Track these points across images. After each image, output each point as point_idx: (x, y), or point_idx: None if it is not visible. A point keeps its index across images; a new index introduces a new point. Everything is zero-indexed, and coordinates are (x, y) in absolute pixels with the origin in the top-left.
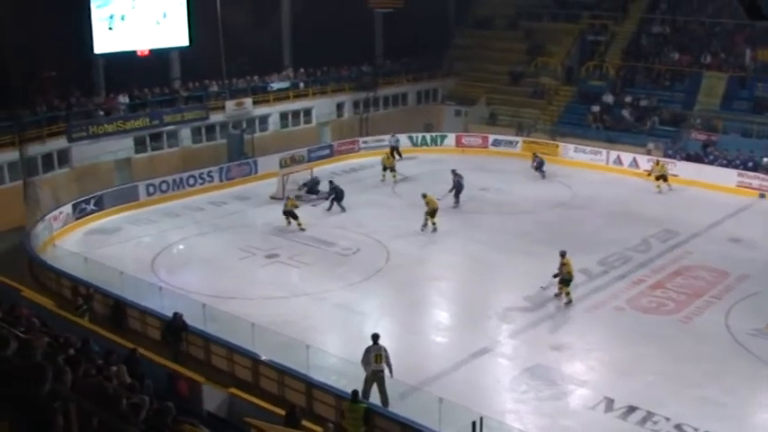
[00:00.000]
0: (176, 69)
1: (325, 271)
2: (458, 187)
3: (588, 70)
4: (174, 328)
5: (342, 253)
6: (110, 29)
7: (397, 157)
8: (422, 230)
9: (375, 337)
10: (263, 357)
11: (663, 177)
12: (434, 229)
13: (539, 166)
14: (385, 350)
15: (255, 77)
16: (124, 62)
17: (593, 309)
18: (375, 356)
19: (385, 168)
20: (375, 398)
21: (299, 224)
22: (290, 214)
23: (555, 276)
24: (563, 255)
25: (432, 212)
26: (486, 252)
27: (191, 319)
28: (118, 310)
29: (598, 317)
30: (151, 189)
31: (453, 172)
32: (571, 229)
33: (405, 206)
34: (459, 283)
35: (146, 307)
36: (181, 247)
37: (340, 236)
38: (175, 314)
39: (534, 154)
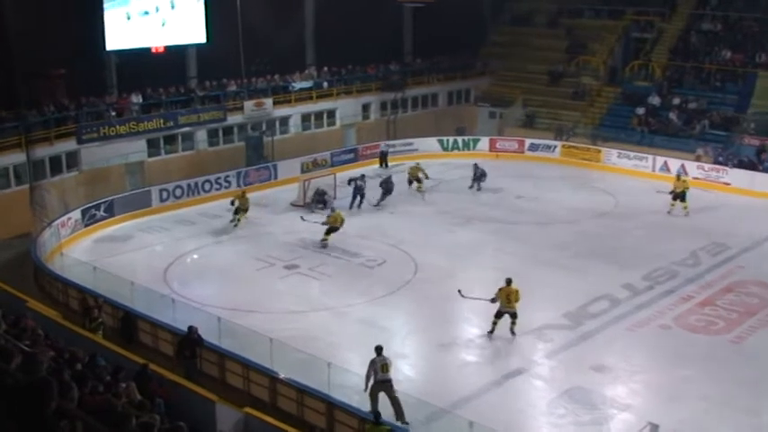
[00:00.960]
0: (193, 68)
1: (349, 283)
2: (479, 177)
3: (633, 70)
4: (190, 342)
5: (366, 264)
6: (128, 18)
7: (383, 165)
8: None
9: (379, 350)
10: (282, 375)
11: (680, 196)
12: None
13: (479, 178)
14: (390, 361)
15: (276, 76)
16: (138, 60)
17: (637, 327)
18: (382, 366)
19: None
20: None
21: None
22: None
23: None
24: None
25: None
26: (521, 265)
27: (205, 334)
28: (128, 323)
29: (642, 336)
30: (164, 194)
31: (475, 165)
32: (613, 241)
33: (434, 215)
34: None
35: (157, 320)
36: (195, 256)
37: (364, 246)
38: (190, 328)
39: (475, 165)
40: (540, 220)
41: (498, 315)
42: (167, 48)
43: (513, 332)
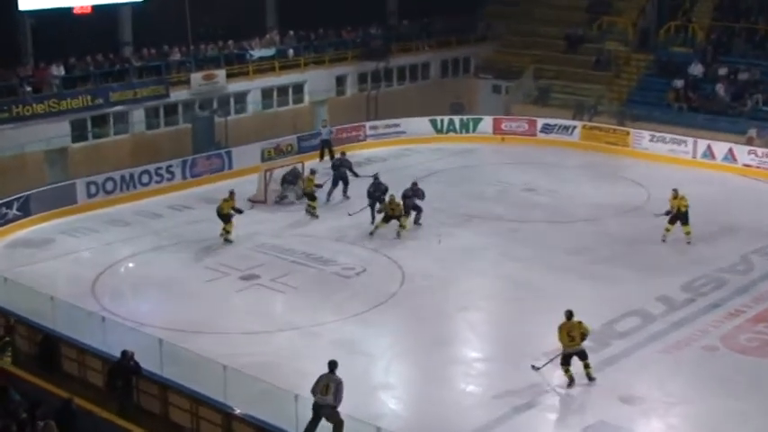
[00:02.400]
0: (127, 32)
1: (320, 297)
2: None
3: (669, 33)
4: (124, 370)
5: (342, 274)
6: None
7: (326, 157)
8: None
9: (332, 365)
10: (238, 411)
11: (681, 218)
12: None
13: (337, 166)
14: (338, 382)
15: (230, 43)
16: (58, 22)
17: (676, 349)
18: (323, 387)
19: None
20: None
21: (314, 208)
22: (309, 196)
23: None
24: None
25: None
26: (532, 273)
27: (143, 360)
28: (48, 348)
29: (682, 359)
30: (93, 189)
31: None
32: (646, 243)
33: (425, 212)
34: (497, 314)
35: (84, 343)
36: (131, 265)
37: (339, 250)
38: (125, 353)
39: (342, 153)
40: (554, 218)
41: (566, 361)
42: (94, 7)
43: (589, 377)
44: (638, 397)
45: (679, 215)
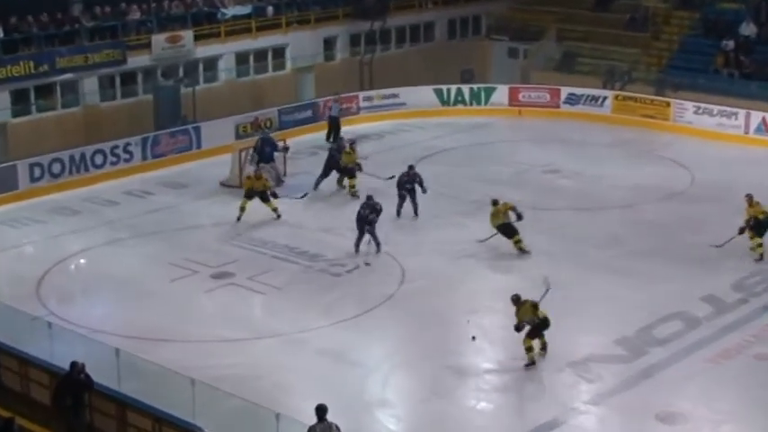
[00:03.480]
0: None
1: (306, 299)
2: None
3: None
4: (73, 385)
5: (331, 271)
6: None
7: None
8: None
9: (320, 412)
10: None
11: (758, 227)
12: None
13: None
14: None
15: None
16: None
17: (724, 358)
18: None
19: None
20: None
21: (353, 187)
22: (349, 173)
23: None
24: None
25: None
26: (555, 269)
27: (96, 373)
28: None
29: (731, 370)
30: (37, 171)
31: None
32: (689, 233)
33: (429, 199)
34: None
35: (27, 354)
36: (82, 261)
37: (328, 244)
38: (73, 365)
39: (351, 141)
40: (582, 205)
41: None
42: None
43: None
44: (679, 414)
45: (760, 224)
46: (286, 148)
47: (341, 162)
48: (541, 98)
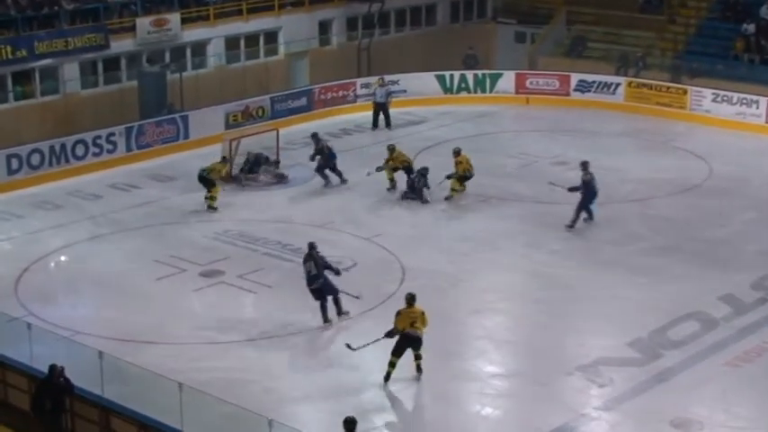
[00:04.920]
0: None
1: (300, 298)
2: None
3: None
4: (53, 389)
5: None
6: None
7: (381, 123)
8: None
9: (350, 425)
10: None
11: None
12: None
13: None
14: None
15: None
16: None
17: (743, 361)
18: None
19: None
20: None
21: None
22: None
23: (448, 177)
24: (457, 153)
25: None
26: (564, 267)
27: (78, 377)
28: None
29: (750, 373)
30: (14, 163)
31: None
32: (707, 229)
33: (429, 192)
34: (520, 319)
35: (7, 357)
36: (63, 258)
37: (323, 240)
38: (52, 368)
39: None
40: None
41: (398, 351)
42: None
43: (419, 369)
44: (696, 421)
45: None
46: None
47: (460, 171)
48: (550, 85)
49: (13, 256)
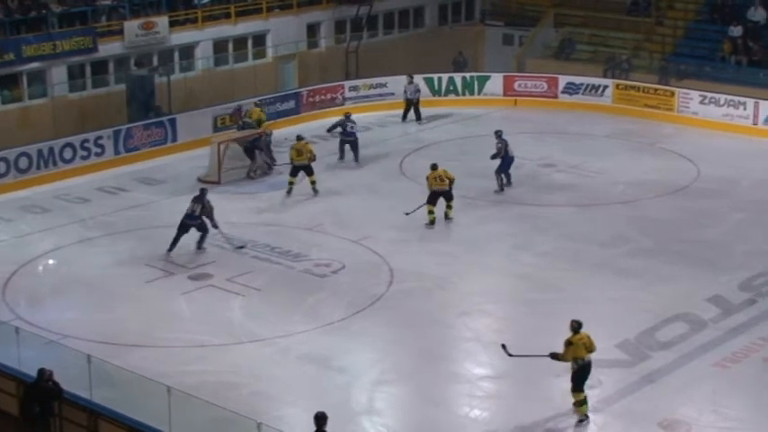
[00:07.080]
0: None
1: (289, 301)
2: (504, 158)
3: None
4: (41, 393)
5: (315, 272)
6: None
7: (414, 120)
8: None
9: (320, 420)
10: None
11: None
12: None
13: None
14: None
15: None
16: None
17: (731, 362)
18: None
19: None
20: None
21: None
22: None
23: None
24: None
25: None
26: (552, 269)
27: (66, 380)
28: None
29: (739, 374)
30: (2, 167)
31: (498, 135)
32: (695, 231)
33: (417, 194)
34: (509, 321)
35: None
36: (51, 262)
37: (312, 242)
38: (41, 372)
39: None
40: (581, 201)
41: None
42: None
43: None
44: (683, 422)
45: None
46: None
47: (292, 161)
48: (538, 87)
49: (0, 260)
